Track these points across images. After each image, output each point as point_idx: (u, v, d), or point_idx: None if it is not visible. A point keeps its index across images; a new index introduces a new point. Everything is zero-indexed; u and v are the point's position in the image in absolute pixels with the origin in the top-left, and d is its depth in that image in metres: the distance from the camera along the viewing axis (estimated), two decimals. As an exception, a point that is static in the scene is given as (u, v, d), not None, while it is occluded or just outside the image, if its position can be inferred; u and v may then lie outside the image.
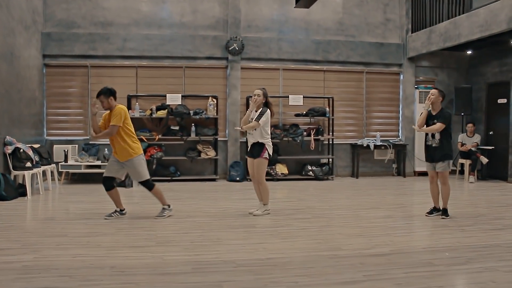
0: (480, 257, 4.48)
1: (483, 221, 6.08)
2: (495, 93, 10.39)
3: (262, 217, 6.17)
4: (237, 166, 9.62)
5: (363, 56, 10.34)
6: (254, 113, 6.30)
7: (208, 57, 9.79)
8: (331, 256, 4.46)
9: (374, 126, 10.67)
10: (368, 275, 3.92)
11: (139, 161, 5.90)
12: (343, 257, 4.42)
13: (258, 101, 6.28)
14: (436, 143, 6.20)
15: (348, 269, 4.08)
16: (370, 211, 6.72)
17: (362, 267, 4.12)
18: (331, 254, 4.52)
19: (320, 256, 4.45)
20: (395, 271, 4.02)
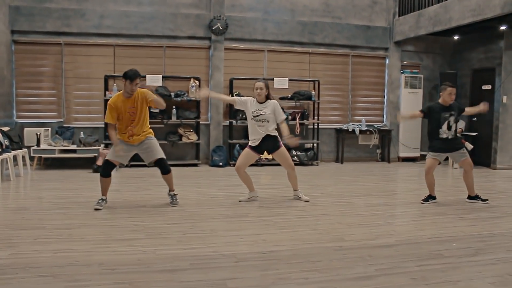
0: (489, 247, 4.30)
1: (479, 209, 5.93)
2: (480, 79, 10.30)
3: (252, 206, 5.86)
4: (219, 150, 9.26)
5: (349, 39, 10.06)
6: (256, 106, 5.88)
7: (190, 36, 9.32)
8: (336, 248, 4.19)
9: (359, 110, 10.45)
10: (380, 268, 3.67)
11: (156, 140, 5.75)
12: (349, 249, 4.16)
13: (262, 95, 5.89)
14: (453, 135, 6.13)
15: (358, 262, 3.82)
16: (364, 198, 6.49)
17: (372, 260, 3.86)
18: (335, 245, 4.26)
19: (325, 248, 4.18)
20: (407, 264, 3.78)
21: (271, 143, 5.97)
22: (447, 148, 6.19)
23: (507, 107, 9.66)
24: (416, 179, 8.60)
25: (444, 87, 6.16)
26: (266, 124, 5.87)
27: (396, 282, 3.41)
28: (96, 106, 9.03)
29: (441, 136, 6.12)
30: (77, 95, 9.07)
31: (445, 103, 6.13)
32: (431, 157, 6.24)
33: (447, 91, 6.08)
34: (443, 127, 6.11)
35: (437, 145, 6.19)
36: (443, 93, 6.13)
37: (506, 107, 9.65)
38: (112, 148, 5.62)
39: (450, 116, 6.10)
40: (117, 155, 5.49)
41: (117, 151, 5.44)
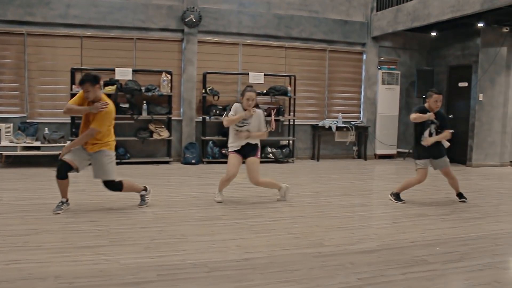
0: (473, 251, 4.13)
1: (460, 209, 5.79)
2: (456, 76, 10.22)
3: (225, 207, 5.55)
4: (192, 147, 8.91)
5: (326, 33, 9.82)
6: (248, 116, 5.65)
7: (162, 28, 8.92)
8: (315, 254, 3.94)
9: (335, 107, 10.23)
10: (363, 277, 3.43)
11: (110, 156, 5.15)
12: (329, 255, 3.91)
13: (252, 105, 5.63)
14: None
15: (339, 270, 3.57)
16: (341, 198, 6.27)
17: (354, 268, 3.62)
18: (314, 251, 4.00)
19: (303, 255, 3.92)
20: (391, 272, 3.56)
21: (250, 148, 5.74)
22: (429, 155, 6.09)
23: (483, 105, 9.59)
24: (393, 177, 8.46)
25: (430, 93, 6.02)
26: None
27: (381, 293, 3.18)
28: (62, 100, 8.50)
29: (422, 142, 6.05)
30: (41, 89, 8.57)
31: (430, 110, 6.00)
32: (420, 168, 6.11)
33: (433, 98, 5.96)
34: (425, 134, 6.04)
35: (421, 152, 6.10)
36: (430, 100, 6.00)
37: (482, 104, 9.59)
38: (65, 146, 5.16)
39: (432, 123, 6.02)
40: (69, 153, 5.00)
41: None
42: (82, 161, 5.12)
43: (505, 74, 9.71)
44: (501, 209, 5.92)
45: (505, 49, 9.62)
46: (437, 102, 5.96)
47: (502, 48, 9.58)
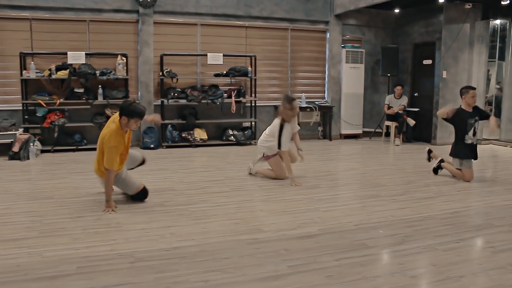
0: (417, 233, 4.03)
1: (414, 189, 5.70)
2: (420, 53, 10.10)
3: (171, 193, 5.36)
4: (151, 132, 8.68)
5: (288, 11, 9.58)
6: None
7: (116, 9, 8.58)
8: (250, 241, 3.79)
9: (299, 87, 10.04)
10: (294, 265, 3.30)
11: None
12: (264, 242, 3.77)
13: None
14: (476, 140, 6.16)
15: (271, 258, 3.43)
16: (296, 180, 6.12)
17: (287, 255, 3.48)
18: (250, 238, 3.86)
19: (237, 242, 3.77)
20: (325, 258, 3.42)
21: None
22: (472, 154, 6.14)
23: (447, 82, 9.51)
24: (356, 157, 8.36)
25: (467, 90, 6.03)
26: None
27: (308, 281, 3.05)
28: (12, 86, 8.22)
29: (467, 142, 6.06)
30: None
31: (468, 107, 6.05)
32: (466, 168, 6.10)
33: (470, 94, 6.00)
34: (469, 133, 6.07)
35: (463, 151, 6.11)
36: (466, 96, 6.01)
37: (446, 82, 9.50)
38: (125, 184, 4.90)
39: (475, 122, 6.06)
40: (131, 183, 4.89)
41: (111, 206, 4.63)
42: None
43: (468, 51, 9.61)
44: (456, 188, 5.83)
45: (468, 26, 9.51)
46: (474, 97, 6.02)
47: (465, 25, 9.46)
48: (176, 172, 6.62)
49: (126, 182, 4.90)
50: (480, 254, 3.58)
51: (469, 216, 4.60)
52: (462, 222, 4.39)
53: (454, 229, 4.15)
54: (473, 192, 5.63)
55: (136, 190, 4.93)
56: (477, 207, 4.99)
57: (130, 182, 4.92)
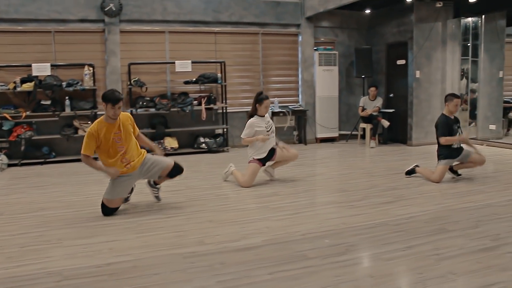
0: (363, 242, 3.91)
1: (375, 194, 5.59)
2: (394, 54, 10.01)
3: (127, 206, 5.25)
4: (120, 142, 8.56)
5: (258, 16, 9.49)
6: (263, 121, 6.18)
7: (82, 19, 8.48)
8: (188, 254, 3.68)
9: (272, 91, 9.93)
10: (223, 280, 3.18)
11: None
12: (202, 255, 3.65)
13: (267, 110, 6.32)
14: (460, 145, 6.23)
15: (202, 273, 3.31)
16: (256, 188, 6.01)
17: (221, 269, 3.37)
18: (189, 251, 3.74)
19: (174, 256, 3.66)
20: (260, 272, 3.31)
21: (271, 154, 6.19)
22: (456, 155, 6.19)
23: (421, 82, 9.42)
24: (326, 161, 8.26)
25: (451, 97, 6.13)
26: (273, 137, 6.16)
27: (232, 298, 2.94)
28: (-23, 100, 8.13)
29: (452, 146, 6.13)
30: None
31: (450, 114, 6.14)
32: (443, 165, 6.14)
33: (454, 102, 6.07)
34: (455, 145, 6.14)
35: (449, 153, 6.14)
36: (450, 104, 6.09)
37: (420, 81, 9.41)
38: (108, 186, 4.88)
39: (458, 128, 6.18)
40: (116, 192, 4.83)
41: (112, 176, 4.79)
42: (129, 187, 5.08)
43: (441, 50, 9.53)
44: (418, 191, 5.72)
45: (439, 24, 9.43)
46: (457, 106, 6.11)
47: (437, 24, 9.39)
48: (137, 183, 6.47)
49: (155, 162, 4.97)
50: (423, 262, 3.45)
51: (424, 221, 4.46)
52: (415, 228, 4.26)
53: (404, 236, 4.04)
54: (435, 195, 5.51)
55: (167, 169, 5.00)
56: (435, 211, 4.85)
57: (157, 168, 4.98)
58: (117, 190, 4.84)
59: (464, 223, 4.39)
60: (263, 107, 6.07)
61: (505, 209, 4.83)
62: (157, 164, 4.99)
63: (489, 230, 4.15)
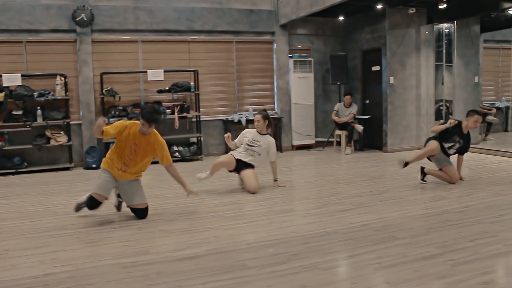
0: (308, 250, 3.88)
1: (335, 201, 5.58)
2: (369, 60, 10.05)
3: (80, 215, 5.21)
4: (93, 152, 8.57)
5: (231, 24, 9.52)
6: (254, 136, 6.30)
7: (54, 29, 8.50)
8: (129, 264, 3.66)
9: (247, 99, 9.96)
10: (154, 291, 3.17)
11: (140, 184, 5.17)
12: (142, 265, 3.64)
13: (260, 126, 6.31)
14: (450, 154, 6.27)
15: (136, 283, 3.30)
16: (218, 196, 6.01)
17: (156, 279, 3.36)
18: (130, 262, 3.72)
19: (114, 266, 3.65)
20: (193, 282, 3.30)
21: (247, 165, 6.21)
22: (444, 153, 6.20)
23: (395, 88, 9.45)
24: (298, 169, 8.26)
25: (472, 114, 6.05)
26: (257, 157, 6.20)
27: (157, 308, 2.93)
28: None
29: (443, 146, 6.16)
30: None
31: (465, 129, 6.08)
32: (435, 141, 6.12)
33: (474, 118, 6.00)
34: (446, 144, 6.12)
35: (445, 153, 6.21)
36: (470, 119, 6.03)
37: (394, 88, 9.44)
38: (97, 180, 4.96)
39: (458, 143, 6.09)
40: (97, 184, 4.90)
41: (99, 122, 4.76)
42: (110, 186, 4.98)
43: (415, 55, 9.57)
44: (380, 198, 5.69)
45: (413, 30, 9.47)
46: (477, 122, 6.02)
47: (410, 30, 9.43)
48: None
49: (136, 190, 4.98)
50: (362, 271, 3.43)
51: (375, 229, 4.42)
52: (364, 236, 4.23)
53: (351, 245, 4.01)
54: (395, 202, 5.45)
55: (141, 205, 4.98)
56: (391, 218, 4.80)
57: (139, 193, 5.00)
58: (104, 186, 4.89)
59: (416, 230, 4.38)
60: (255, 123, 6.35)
61: (460, 216, 4.82)
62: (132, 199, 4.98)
63: (438, 237, 4.14)
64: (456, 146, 6.15)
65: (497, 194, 5.69)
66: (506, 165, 7.71)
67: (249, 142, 6.24)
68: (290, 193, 6.18)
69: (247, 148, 6.24)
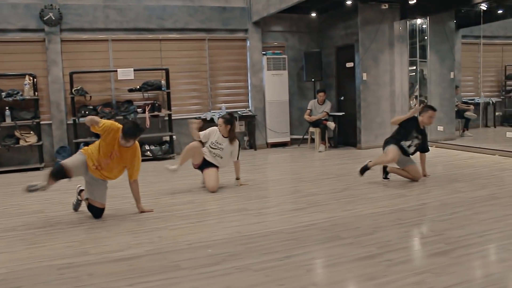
0: (246, 251, 3.84)
1: (291, 200, 5.63)
2: (343, 57, 10.02)
3: (39, 216, 5.20)
4: (63, 151, 8.55)
5: (203, 22, 9.49)
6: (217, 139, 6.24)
7: (22, 29, 8.46)
8: (64, 266, 3.64)
9: (221, 97, 9.93)
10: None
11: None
12: (76, 267, 3.62)
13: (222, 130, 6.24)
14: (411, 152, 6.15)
15: (64, 285, 3.29)
16: (176, 196, 5.98)
17: (85, 280, 3.35)
18: (66, 263, 3.70)
19: (48, 268, 3.63)
20: (121, 283, 3.28)
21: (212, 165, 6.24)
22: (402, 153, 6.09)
23: (368, 85, 9.42)
24: (266, 167, 8.26)
25: (427, 109, 6.03)
26: (219, 160, 6.20)
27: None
28: None
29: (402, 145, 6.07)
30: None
31: (422, 124, 6.06)
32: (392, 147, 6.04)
33: (428, 114, 5.98)
34: (406, 143, 6.03)
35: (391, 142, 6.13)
36: (424, 115, 6.01)
37: (367, 84, 9.41)
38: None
39: (416, 139, 6.04)
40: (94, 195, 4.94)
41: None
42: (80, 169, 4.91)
43: (388, 52, 9.54)
44: (337, 196, 5.61)
45: (386, 26, 9.44)
46: (431, 118, 6.01)
47: (383, 25, 9.40)
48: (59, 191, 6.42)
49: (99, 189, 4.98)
50: (293, 273, 3.37)
51: (322, 229, 4.36)
52: (308, 236, 4.17)
53: (292, 245, 3.95)
54: (352, 201, 5.37)
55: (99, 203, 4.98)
56: (341, 217, 4.74)
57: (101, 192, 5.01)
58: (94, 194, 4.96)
59: (363, 229, 4.32)
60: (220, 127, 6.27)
61: (411, 214, 4.79)
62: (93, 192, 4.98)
63: (383, 236, 4.09)
64: (415, 142, 6.10)
65: (456, 191, 5.66)
66: (475, 161, 7.69)
67: (212, 145, 6.23)
68: (249, 192, 6.12)
69: (210, 150, 6.23)
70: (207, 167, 6.19)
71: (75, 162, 4.89)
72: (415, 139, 6.10)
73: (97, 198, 4.98)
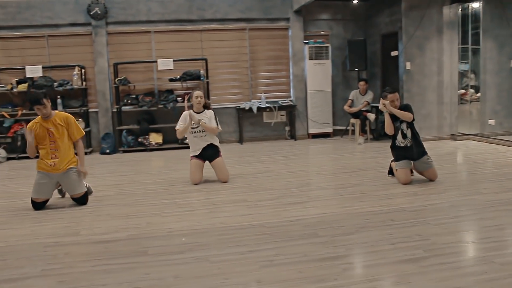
0: (215, 242, 3.86)
1: (294, 193, 5.39)
2: (388, 45, 9.63)
3: (55, 199, 5.64)
4: (108, 138, 9.10)
5: (243, 12, 9.56)
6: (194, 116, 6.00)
7: (72, 23, 9.10)
8: (51, 244, 3.96)
9: (262, 87, 9.99)
10: (49, 269, 3.40)
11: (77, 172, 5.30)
12: (60, 246, 3.91)
13: (201, 103, 6.10)
14: (411, 142, 5.67)
15: (40, 261, 3.56)
16: (190, 184, 6.17)
17: (61, 258, 3.61)
18: (54, 241, 4.01)
19: (37, 245, 3.96)
20: (86, 264, 3.50)
21: (212, 152, 6.15)
22: (408, 156, 5.72)
23: (412, 74, 9.00)
24: (295, 158, 8.14)
25: (385, 94, 5.67)
26: (205, 137, 6.06)
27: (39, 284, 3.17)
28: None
29: (398, 145, 5.73)
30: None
31: (394, 113, 5.63)
32: (399, 168, 5.74)
33: (388, 99, 5.60)
34: (398, 137, 5.72)
35: (399, 154, 5.76)
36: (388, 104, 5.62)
37: (411, 74, 9.00)
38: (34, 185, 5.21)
39: (401, 123, 5.67)
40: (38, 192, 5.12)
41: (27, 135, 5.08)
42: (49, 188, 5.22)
43: (436, 39, 9.03)
44: (343, 192, 5.36)
45: (434, 12, 8.91)
46: (394, 101, 5.62)
47: (430, 11, 8.88)
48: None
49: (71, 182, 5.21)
50: (246, 268, 3.30)
51: (304, 225, 4.22)
52: (286, 231, 4.05)
53: (263, 239, 3.88)
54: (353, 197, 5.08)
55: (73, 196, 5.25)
56: (332, 214, 4.56)
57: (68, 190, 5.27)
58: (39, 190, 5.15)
59: (345, 229, 4.06)
60: (194, 102, 6.09)
61: (408, 215, 4.33)
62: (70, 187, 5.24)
63: (361, 238, 3.82)
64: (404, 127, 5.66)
65: (475, 193, 5.13)
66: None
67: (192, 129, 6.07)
68: (260, 183, 6.11)
69: (192, 134, 6.09)
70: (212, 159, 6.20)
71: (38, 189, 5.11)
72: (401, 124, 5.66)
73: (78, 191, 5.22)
